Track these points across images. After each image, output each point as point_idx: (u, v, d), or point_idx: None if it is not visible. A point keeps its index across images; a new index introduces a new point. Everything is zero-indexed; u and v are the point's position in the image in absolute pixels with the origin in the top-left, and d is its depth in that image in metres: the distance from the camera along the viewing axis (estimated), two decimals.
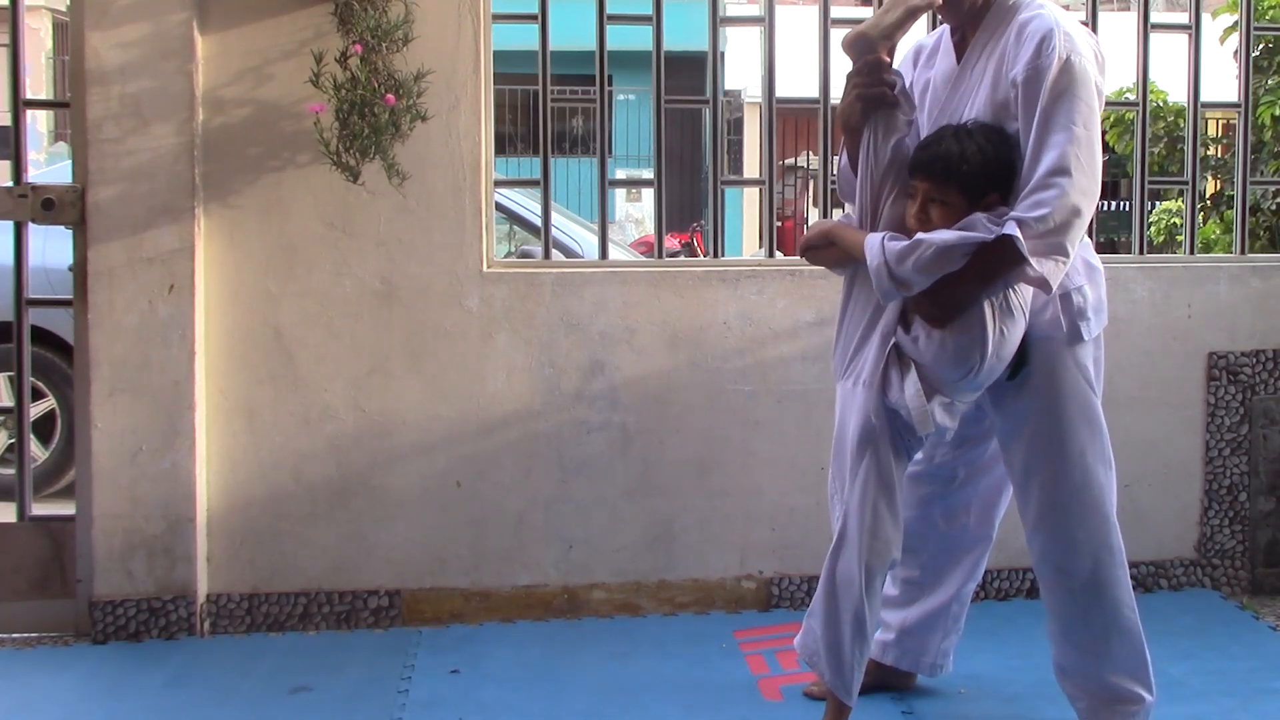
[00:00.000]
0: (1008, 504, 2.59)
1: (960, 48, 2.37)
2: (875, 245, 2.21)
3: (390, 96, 2.88)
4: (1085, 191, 2.13)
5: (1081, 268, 2.32)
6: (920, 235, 2.19)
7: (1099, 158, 2.17)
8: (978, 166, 2.20)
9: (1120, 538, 2.36)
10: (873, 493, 2.32)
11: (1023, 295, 2.25)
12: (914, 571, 2.67)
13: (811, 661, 2.43)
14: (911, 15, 2.30)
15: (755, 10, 5.27)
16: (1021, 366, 2.31)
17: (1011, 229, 2.10)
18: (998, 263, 2.14)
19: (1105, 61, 2.25)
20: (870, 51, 2.29)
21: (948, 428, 2.36)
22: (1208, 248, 5.12)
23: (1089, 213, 2.16)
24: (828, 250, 2.38)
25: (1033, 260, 2.10)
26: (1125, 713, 2.36)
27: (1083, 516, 2.32)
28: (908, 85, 2.47)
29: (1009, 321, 2.23)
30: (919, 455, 2.61)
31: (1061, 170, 2.12)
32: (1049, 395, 2.30)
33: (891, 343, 2.30)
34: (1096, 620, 2.35)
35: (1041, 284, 2.15)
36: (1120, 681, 2.35)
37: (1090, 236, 3.38)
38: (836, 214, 3.01)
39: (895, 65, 2.41)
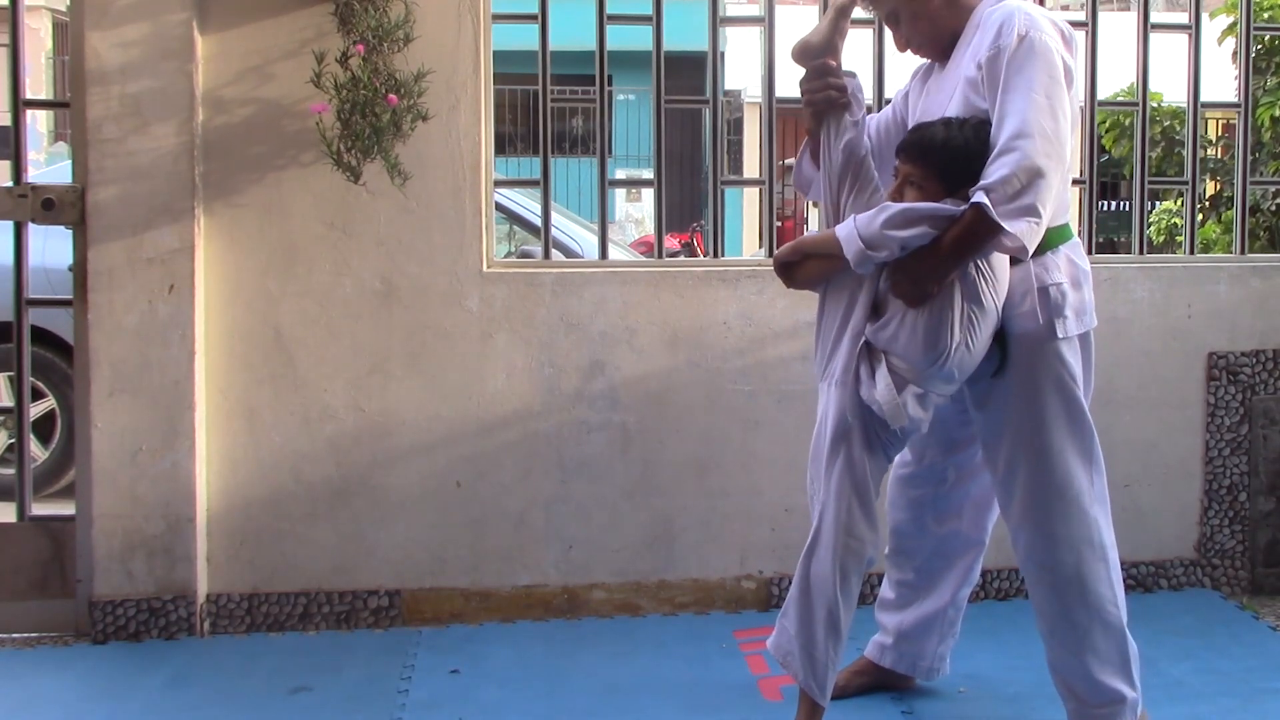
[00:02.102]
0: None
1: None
2: (846, 222, 2.25)
3: (393, 96, 2.88)
4: (1048, 154, 2.13)
5: (1064, 265, 2.32)
6: (887, 202, 2.24)
7: (1064, 125, 2.17)
8: (958, 152, 2.21)
9: (1105, 534, 2.34)
10: (847, 492, 2.32)
11: (993, 287, 2.25)
12: (908, 574, 2.68)
13: (785, 662, 2.42)
14: (841, 14, 2.41)
15: (755, 10, 5.27)
16: (1003, 361, 2.31)
17: (980, 197, 2.12)
18: (971, 233, 2.15)
19: (1074, 40, 2.27)
20: (815, 58, 2.38)
21: (921, 419, 2.33)
22: (1207, 248, 5.12)
23: (1055, 175, 2.15)
24: (803, 264, 2.37)
25: (1006, 224, 2.11)
26: (1110, 712, 2.36)
27: (1064, 513, 2.32)
28: (909, 83, 2.50)
29: (979, 310, 2.23)
30: (909, 456, 2.62)
31: (1022, 134, 2.13)
32: (1029, 391, 2.30)
33: (862, 341, 2.30)
34: (1080, 616, 2.34)
35: (1018, 249, 2.15)
36: (1104, 679, 2.34)
37: (1089, 237, 3.42)
38: None
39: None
